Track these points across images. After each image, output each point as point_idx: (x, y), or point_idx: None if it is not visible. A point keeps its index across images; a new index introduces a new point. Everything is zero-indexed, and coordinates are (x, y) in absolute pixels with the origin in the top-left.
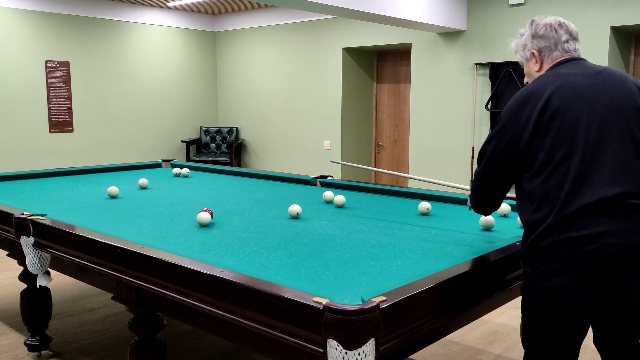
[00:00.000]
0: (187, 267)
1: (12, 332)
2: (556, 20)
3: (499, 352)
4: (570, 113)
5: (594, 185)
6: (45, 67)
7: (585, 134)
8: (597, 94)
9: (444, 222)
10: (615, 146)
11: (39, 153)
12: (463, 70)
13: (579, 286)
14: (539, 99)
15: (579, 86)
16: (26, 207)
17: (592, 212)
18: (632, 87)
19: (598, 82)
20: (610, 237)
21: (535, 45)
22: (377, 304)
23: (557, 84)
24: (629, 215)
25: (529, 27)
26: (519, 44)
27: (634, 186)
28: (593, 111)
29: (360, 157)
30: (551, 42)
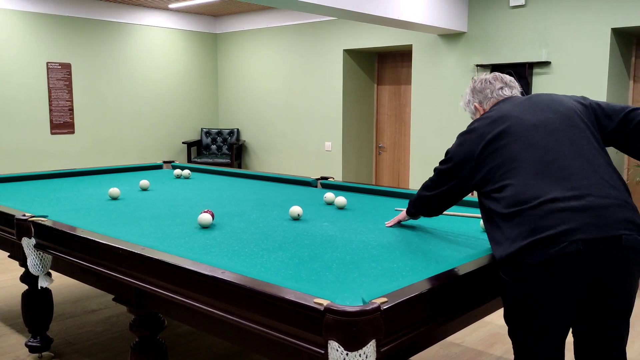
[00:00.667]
0: (188, 269)
1: (14, 333)
2: (492, 75)
3: (500, 354)
4: (511, 135)
5: (547, 189)
6: (46, 68)
7: (530, 146)
8: (531, 112)
9: (445, 223)
10: (564, 152)
11: (40, 154)
12: (464, 71)
13: (554, 286)
14: (481, 132)
15: (515, 109)
16: (27, 208)
17: (552, 212)
18: (566, 100)
19: (532, 103)
20: (577, 234)
21: (476, 98)
22: (378, 305)
23: (495, 116)
24: (589, 212)
25: (470, 84)
26: (464, 101)
27: (582, 187)
28: (531, 128)
29: (361, 159)
30: (487, 92)
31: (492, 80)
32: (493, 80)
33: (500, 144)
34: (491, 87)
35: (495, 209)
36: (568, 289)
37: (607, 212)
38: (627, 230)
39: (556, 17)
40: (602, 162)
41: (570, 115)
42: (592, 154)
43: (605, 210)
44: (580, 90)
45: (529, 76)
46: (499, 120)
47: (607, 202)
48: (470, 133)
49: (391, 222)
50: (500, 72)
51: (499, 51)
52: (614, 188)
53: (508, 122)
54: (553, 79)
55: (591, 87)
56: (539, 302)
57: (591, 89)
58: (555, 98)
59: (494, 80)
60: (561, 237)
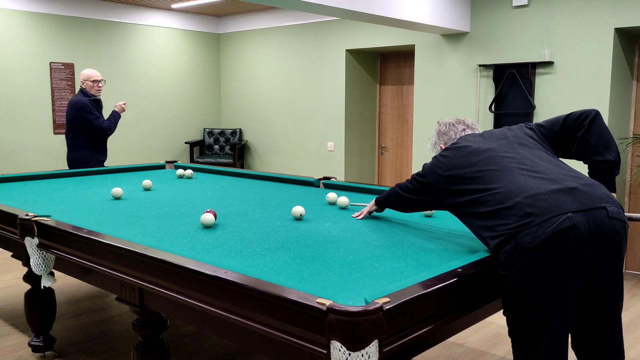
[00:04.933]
0: (191, 268)
1: (17, 332)
2: (455, 119)
3: (503, 354)
4: (479, 154)
5: (529, 184)
6: (49, 68)
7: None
8: (490, 140)
9: (448, 223)
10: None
11: (43, 154)
12: (466, 71)
13: (554, 269)
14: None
15: (475, 138)
16: (30, 208)
17: (540, 199)
18: (514, 128)
19: (488, 134)
20: (567, 208)
21: (442, 140)
22: (380, 305)
23: (461, 144)
24: (572, 192)
25: (436, 127)
26: (431, 143)
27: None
28: (493, 148)
29: (363, 159)
30: (452, 134)
31: (455, 124)
32: (456, 124)
33: (472, 161)
34: (454, 129)
35: (483, 211)
36: (569, 270)
37: (587, 190)
38: (608, 203)
39: (559, 17)
40: (562, 163)
41: (520, 136)
42: (551, 159)
43: (584, 190)
44: (583, 91)
45: (532, 76)
46: (465, 146)
47: (582, 183)
48: (443, 157)
49: (361, 215)
50: (504, 72)
51: (501, 51)
52: (584, 177)
53: (473, 145)
54: (556, 79)
55: (594, 87)
56: (540, 290)
57: (594, 89)
58: (506, 129)
59: (457, 124)
60: (554, 217)
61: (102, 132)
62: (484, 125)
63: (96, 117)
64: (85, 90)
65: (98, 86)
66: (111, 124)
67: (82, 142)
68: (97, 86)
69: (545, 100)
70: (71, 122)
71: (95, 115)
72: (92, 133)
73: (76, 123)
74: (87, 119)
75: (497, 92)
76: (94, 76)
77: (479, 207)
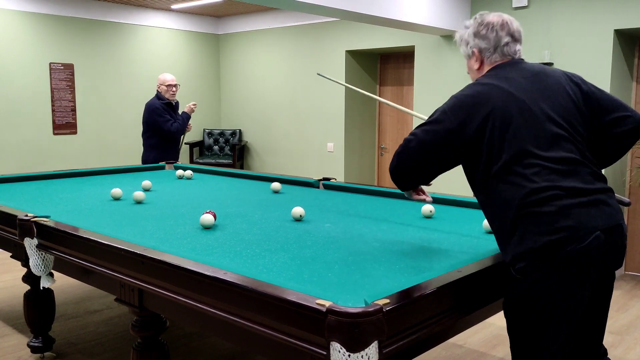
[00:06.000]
0: (190, 269)
1: (16, 333)
2: (499, 20)
3: (502, 356)
4: (515, 119)
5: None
6: (49, 69)
7: (533, 135)
8: (535, 96)
9: (447, 224)
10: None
11: (42, 155)
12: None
13: (571, 282)
14: (481, 105)
15: (519, 90)
16: (30, 208)
17: (571, 208)
18: (566, 86)
19: (535, 85)
20: (596, 227)
21: (477, 44)
22: (380, 306)
23: (497, 92)
24: (599, 206)
25: (473, 23)
26: (462, 37)
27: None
28: (533, 113)
29: (363, 160)
30: (491, 44)
31: (499, 29)
32: (499, 29)
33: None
34: (496, 38)
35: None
36: (586, 284)
37: (610, 203)
38: (621, 218)
39: (559, 18)
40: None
41: (565, 107)
42: (585, 150)
43: (608, 203)
44: None
45: None
46: (506, 99)
47: (607, 193)
48: (475, 97)
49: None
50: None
51: None
52: (603, 176)
53: (515, 106)
54: None
55: None
56: (556, 300)
57: None
58: (559, 80)
59: (501, 30)
60: (585, 234)
61: (169, 134)
62: None
63: (165, 120)
64: (160, 93)
65: (172, 90)
66: (179, 126)
67: (154, 142)
68: (170, 90)
69: None
70: (145, 123)
71: (164, 119)
72: (162, 135)
73: (148, 125)
74: (157, 122)
75: None
76: (168, 80)
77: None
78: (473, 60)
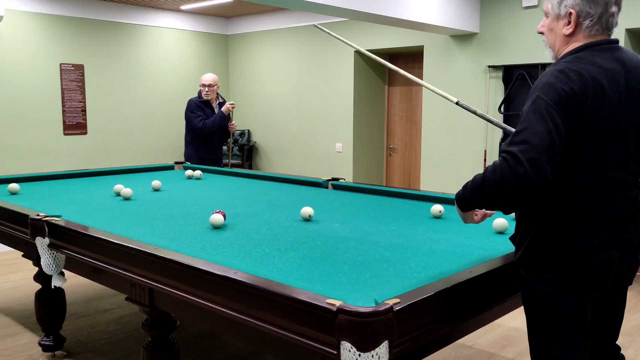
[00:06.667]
0: (201, 268)
1: (27, 332)
2: None
3: (512, 357)
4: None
5: (617, 188)
6: (60, 69)
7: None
8: (632, 119)
9: (457, 225)
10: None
11: (53, 155)
12: (475, 72)
13: (577, 292)
14: (581, 93)
15: (619, 84)
16: (41, 208)
17: (608, 218)
18: None
19: (635, 101)
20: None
21: (578, 4)
22: (390, 306)
23: (597, 82)
24: (633, 220)
25: None
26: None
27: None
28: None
29: (372, 160)
30: (598, 10)
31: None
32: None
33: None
34: (606, 4)
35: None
36: (588, 295)
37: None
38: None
39: None
40: None
41: None
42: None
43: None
44: None
45: None
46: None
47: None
48: (574, 73)
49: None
50: (514, 73)
51: (511, 52)
52: None
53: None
54: None
55: None
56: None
57: None
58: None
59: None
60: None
61: (198, 130)
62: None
63: (196, 116)
64: (200, 92)
65: (205, 90)
66: (208, 124)
67: (189, 139)
68: (204, 90)
69: None
70: (184, 119)
71: (195, 115)
72: (194, 131)
73: (185, 121)
74: (189, 117)
75: (506, 93)
76: (202, 80)
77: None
78: (563, 23)
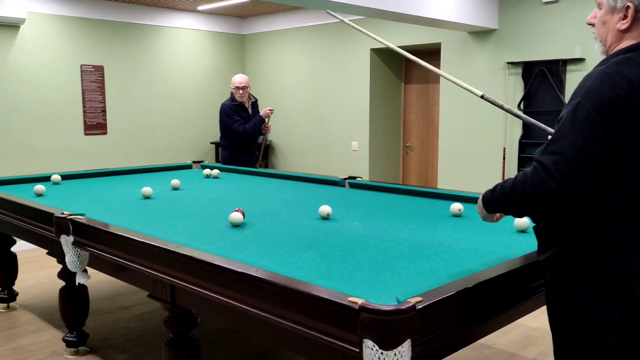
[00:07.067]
0: (223, 266)
1: (51, 328)
2: None
3: (533, 357)
4: None
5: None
6: (80, 71)
7: None
8: None
9: (477, 223)
10: None
11: (74, 155)
12: (494, 69)
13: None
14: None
15: None
16: (65, 207)
17: None
18: None
19: None
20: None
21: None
22: (413, 304)
23: None
24: None
25: None
26: None
27: None
28: None
29: (388, 158)
30: None
31: None
32: None
33: None
34: None
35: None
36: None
37: None
38: None
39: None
40: None
41: None
42: None
43: None
44: None
45: (563, 73)
46: None
47: None
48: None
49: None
50: (534, 70)
51: (531, 48)
52: None
53: None
54: None
55: None
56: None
57: None
58: None
59: None
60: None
61: (238, 134)
62: (512, 125)
63: (234, 120)
64: (233, 95)
65: (239, 92)
66: (248, 128)
67: (226, 142)
68: (238, 92)
69: None
70: (219, 124)
71: (233, 119)
72: (232, 136)
73: (221, 126)
74: (226, 122)
75: (526, 90)
76: (235, 83)
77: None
78: (618, 17)
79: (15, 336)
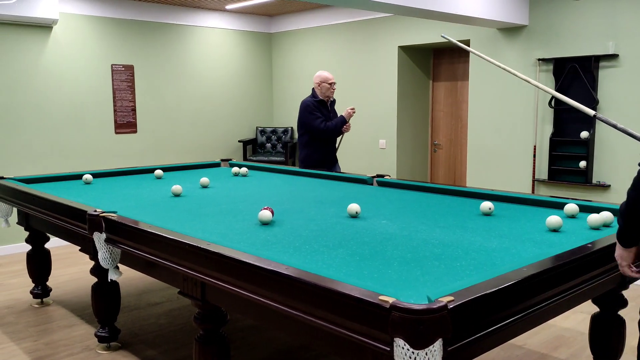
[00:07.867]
0: (253, 264)
1: (83, 323)
2: None
3: (565, 358)
4: None
5: None
6: (111, 70)
7: None
8: None
9: (508, 222)
10: None
11: (105, 153)
12: (525, 66)
13: None
14: None
15: None
16: (97, 204)
17: None
18: None
19: None
20: None
21: None
22: (445, 303)
23: None
24: None
25: None
26: None
27: None
28: None
29: (416, 156)
30: None
31: None
32: None
33: None
34: None
35: None
36: None
37: None
38: None
39: (624, 6)
40: None
41: None
42: None
43: None
44: None
45: (595, 70)
46: None
47: None
48: None
49: None
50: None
51: (562, 44)
52: None
53: None
54: (621, 73)
55: None
56: None
57: None
58: None
59: None
60: None
61: (319, 133)
62: (543, 122)
63: (315, 117)
64: (314, 91)
65: (331, 88)
66: (330, 126)
67: (305, 141)
68: (331, 88)
69: (609, 95)
70: (298, 121)
71: (314, 116)
72: (313, 133)
73: (300, 122)
74: (308, 119)
75: (557, 86)
76: (326, 79)
77: None
78: None
79: (49, 331)
